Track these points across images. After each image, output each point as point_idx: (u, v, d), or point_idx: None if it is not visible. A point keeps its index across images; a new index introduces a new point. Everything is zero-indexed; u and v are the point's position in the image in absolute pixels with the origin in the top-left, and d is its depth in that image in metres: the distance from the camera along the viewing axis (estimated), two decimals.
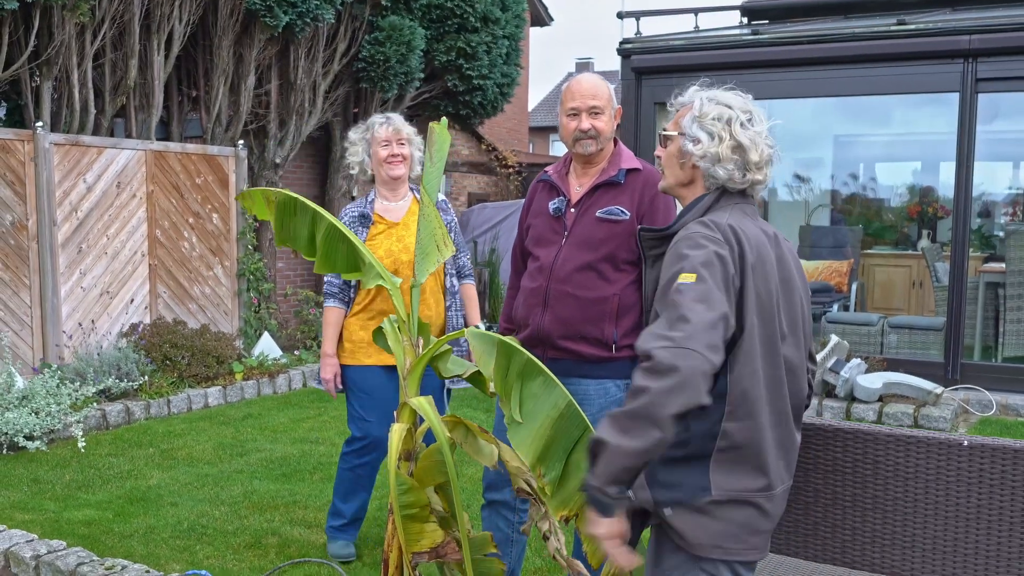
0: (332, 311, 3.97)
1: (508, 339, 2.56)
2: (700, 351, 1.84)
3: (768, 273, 2.07)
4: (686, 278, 1.94)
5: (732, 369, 2.01)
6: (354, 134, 4.07)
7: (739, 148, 2.12)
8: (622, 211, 3.17)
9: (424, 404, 2.79)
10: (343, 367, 4.00)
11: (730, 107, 2.15)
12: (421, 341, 3.00)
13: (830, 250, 10.13)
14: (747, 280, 2.02)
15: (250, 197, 3.07)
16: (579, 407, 2.55)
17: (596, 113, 3.19)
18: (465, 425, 2.65)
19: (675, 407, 1.82)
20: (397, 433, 2.83)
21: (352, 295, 3.98)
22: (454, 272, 4.05)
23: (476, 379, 2.75)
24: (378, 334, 2.85)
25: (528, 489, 2.41)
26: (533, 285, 3.26)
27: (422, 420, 2.83)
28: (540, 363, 2.62)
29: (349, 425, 4.08)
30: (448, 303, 4.05)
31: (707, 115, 2.14)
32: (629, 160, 3.25)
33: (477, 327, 3.84)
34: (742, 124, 2.13)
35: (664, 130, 2.28)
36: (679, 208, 2.31)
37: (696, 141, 2.15)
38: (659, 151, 2.30)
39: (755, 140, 2.13)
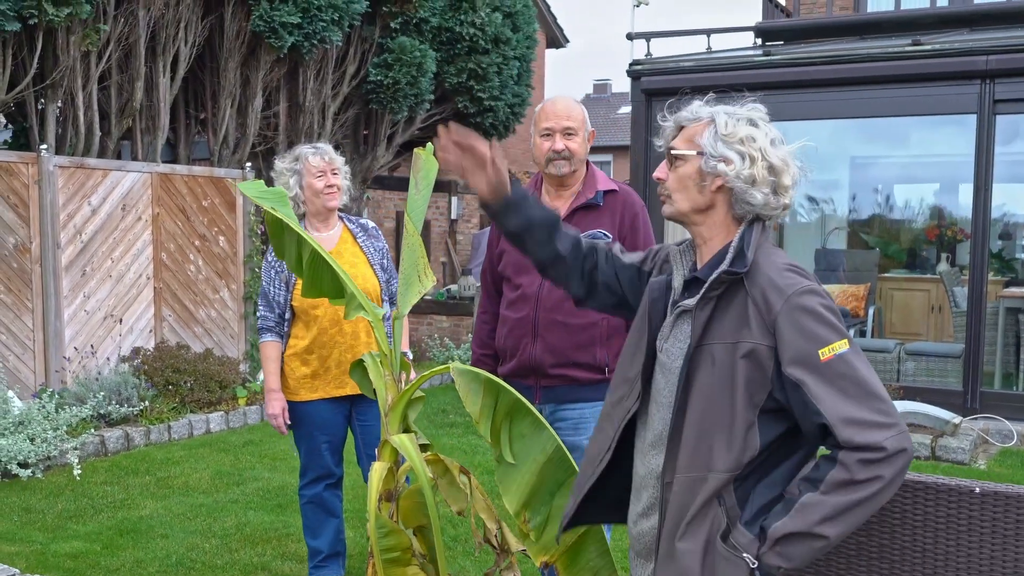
0: (271, 346, 3.82)
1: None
2: (902, 421, 1.89)
3: None
4: (842, 346, 1.88)
5: None
6: (282, 164, 3.90)
7: (772, 169, 1.95)
8: (605, 234, 3.16)
9: (406, 442, 2.67)
10: (287, 403, 3.86)
11: (756, 125, 1.98)
12: (404, 376, 2.89)
13: (846, 274, 9.94)
14: None
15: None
16: (569, 444, 2.43)
17: (570, 134, 3.20)
18: (444, 464, 2.52)
19: (899, 484, 1.89)
20: (377, 472, 2.71)
21: (287, 328, 3.84)
22: (387, 299, 3.92)
23: None
24: (356, 368, 2.73)
25: (493, 542, 2.28)
26: (519, 315, 3.22)
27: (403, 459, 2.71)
28: (528, 403, 2.54)
29: (301, 460, 3.95)
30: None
31: (736, 133, 1.95)
32: (605, 182, 3.26)
33: (404, 353, 3.72)
34: (772, 142, 1.97)
35: (673, 148, 2.02)
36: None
37: (726, 161, 1.94)
38: (662, 173, 2.04)
39: (786, 160, 1.98)
